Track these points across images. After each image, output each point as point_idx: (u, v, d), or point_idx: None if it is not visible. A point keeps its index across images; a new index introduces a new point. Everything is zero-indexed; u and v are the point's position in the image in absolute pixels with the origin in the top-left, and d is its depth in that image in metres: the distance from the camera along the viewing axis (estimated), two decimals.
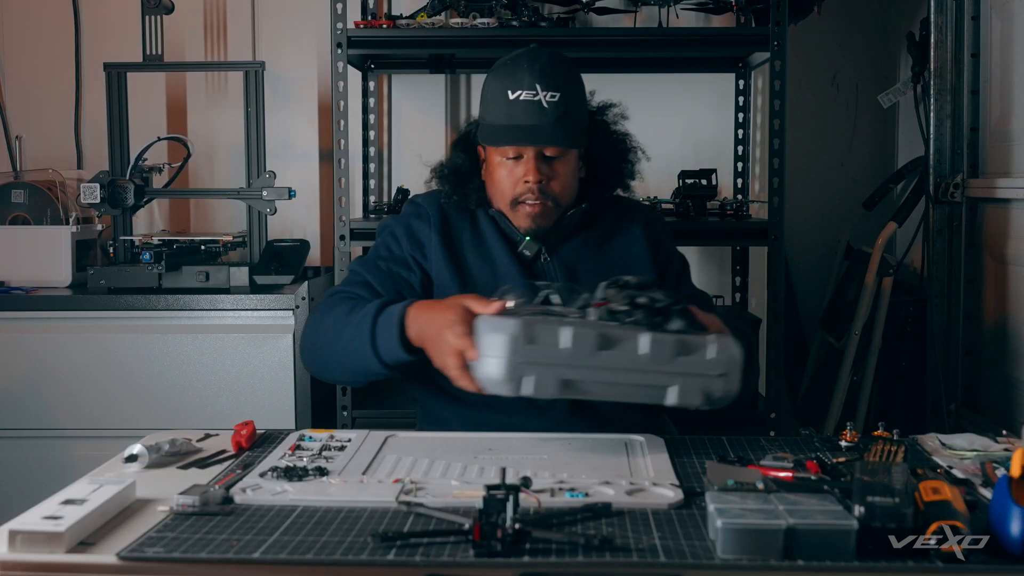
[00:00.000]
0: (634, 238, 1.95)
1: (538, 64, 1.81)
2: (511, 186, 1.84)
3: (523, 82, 1.80)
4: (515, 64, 1.83)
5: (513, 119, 1.80)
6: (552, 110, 1.79)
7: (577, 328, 1.42)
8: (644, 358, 1.43)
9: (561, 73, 1.82)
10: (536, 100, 1.79)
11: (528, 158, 1.82)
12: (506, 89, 1.81)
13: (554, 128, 1.80)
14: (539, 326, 1.42)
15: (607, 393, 1.44)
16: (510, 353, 1.39)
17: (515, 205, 1.85)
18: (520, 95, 1.79)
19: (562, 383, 1.42)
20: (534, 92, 1.79)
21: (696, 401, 1.45)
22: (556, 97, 1.79)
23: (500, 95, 1.82)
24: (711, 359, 1.44)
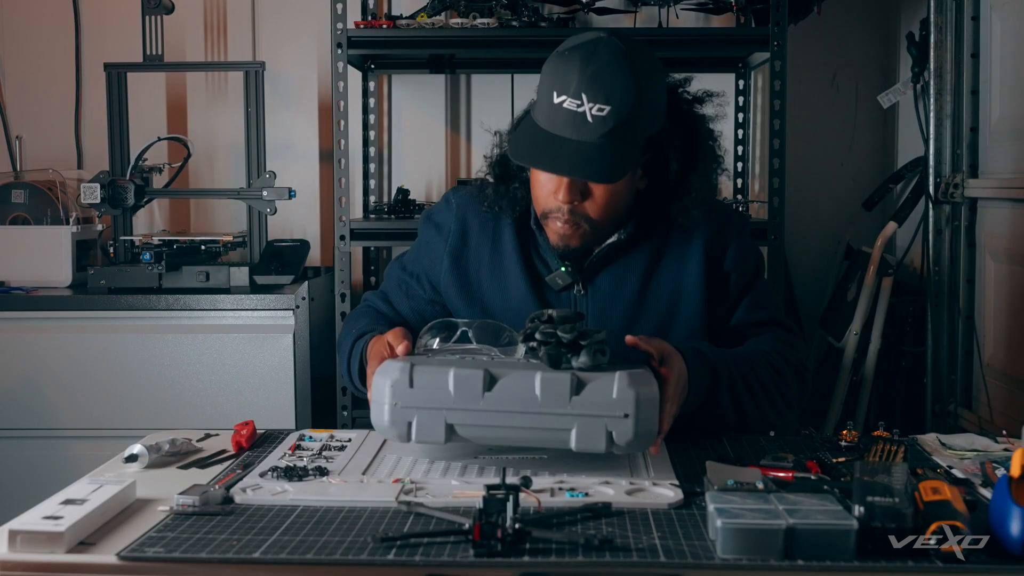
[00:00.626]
0: (690, 263, 1.69)
1: (592, 66, 1.50)
2: (544, 197, 1.61)
3: (570, 87, 1.51)
4: (569, 61, 1.53)
5: (553, 126, 1.53)
6: (597, 125, 1.50)
7: (460, 369, 1.32)
8: (536, 399, 1.31)
9: (619, 80, 1.50)
10: (580, 112, 1.50)
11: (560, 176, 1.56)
12: (553, 88, 1.53)
13: (591, 150, 1.51)
14: (423, 369, 1.33)
15: (504, 437, 1.32)
16: (392, 398, 1.33)
17: (545, 218, 1.63)
18: (564, 101, 1.51)
19: (449, 428, 1.33)
20: (579, 103, 1.50)
21: (599, 445, 1.30)
22: (604, 111, 1.50)
23: (547, 93, 1.54)
24: (613, 399, 1.30)
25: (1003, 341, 2.69)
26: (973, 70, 2.81)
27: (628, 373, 1.33)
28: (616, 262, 1.69)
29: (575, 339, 1.35)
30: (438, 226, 1.77)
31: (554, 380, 1.32)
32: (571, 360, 1.36)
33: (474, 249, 1.73)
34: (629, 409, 1.30)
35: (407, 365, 1.34)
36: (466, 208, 1.76)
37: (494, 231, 1.73)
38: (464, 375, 1.32)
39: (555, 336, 1.36)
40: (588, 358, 1.35)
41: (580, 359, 1.35)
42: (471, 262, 1.73)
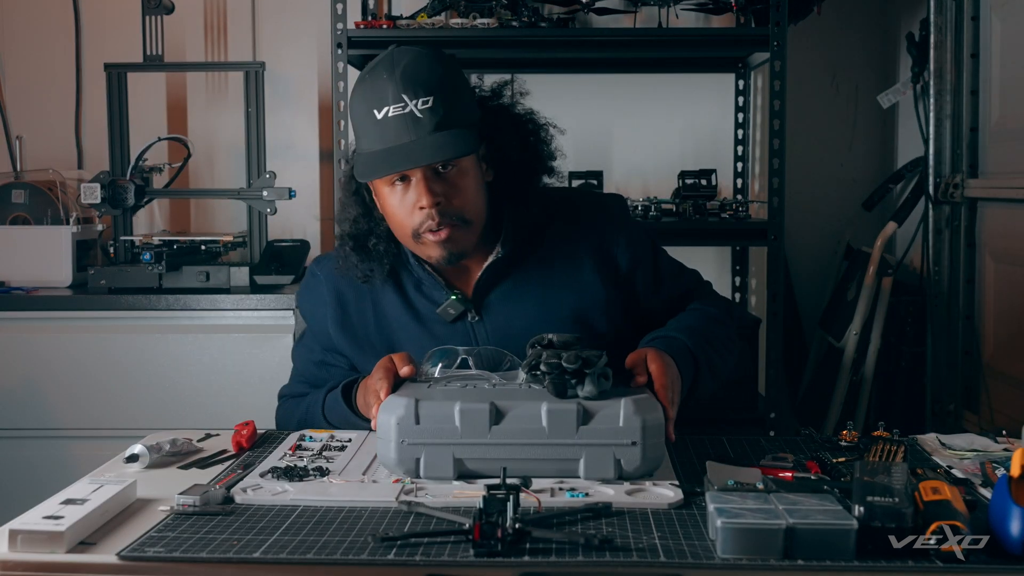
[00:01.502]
0: (581, 258, 1.69)
1: (399, 69, 1.54)
2: (407, 217, 1.57)
3: (387, 96, 1.52)
4: (374, 76, 1.56)
5: (386, 141, 1.53)
6: (428, 119, 1.52)
7: (467, 404, 1.32)
8: (544, 430, 1.31)
9: (430, 71, 1.55)
10: (407, 113, 1.52)
11: (416, 180, 1.55)
12: (371, 109, 1.54)
13: (434, 140, 1.52)
14: (428, 404, 1.33)
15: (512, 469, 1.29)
16: (398, 435, 1.32)
17: (417, 238, 1.58)
18: (388, 111, 1.52)
19: (458, 462, 1.32)
20: (403, 104, 1.52)
21: (608, 473, 1.31)
22: (429, 102, 1.52)
23: (367, 116, 1.55)
24: (620, 427, 1.31)
25: (1003, 341, 2.69)
26: (973, 70, 2.81)
27: (633, 400, 1.33)
28: (503, 283, 1.67)
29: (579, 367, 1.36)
30: (313, 306, 1.75)
31: (561, 411, 1.32)
32: (576, 387, 1.36)
33: (356, 318, 1.70)
34: (636, 437, 1.31)
35: (412, 401, 1.34)
36: (335, 279, 1.72)
37: (369, 293, 1.70)
38: (470, 409, 1.32)
39: (559, 366, 1.35)
40: (593, 386, 1.35)
41: (585, 388, 1.35)
42: (359, 331, 1.70)
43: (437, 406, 1.34)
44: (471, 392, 1.39)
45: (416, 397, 1.35)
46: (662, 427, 1.35)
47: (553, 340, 1.41)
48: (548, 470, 1.33)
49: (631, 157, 3.24)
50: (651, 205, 2.77)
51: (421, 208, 1.56)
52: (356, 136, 1.62)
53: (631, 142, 3.25)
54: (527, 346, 1.44)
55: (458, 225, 1.58)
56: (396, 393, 1.40)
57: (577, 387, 1.36)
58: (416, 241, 1.60)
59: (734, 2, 2.79)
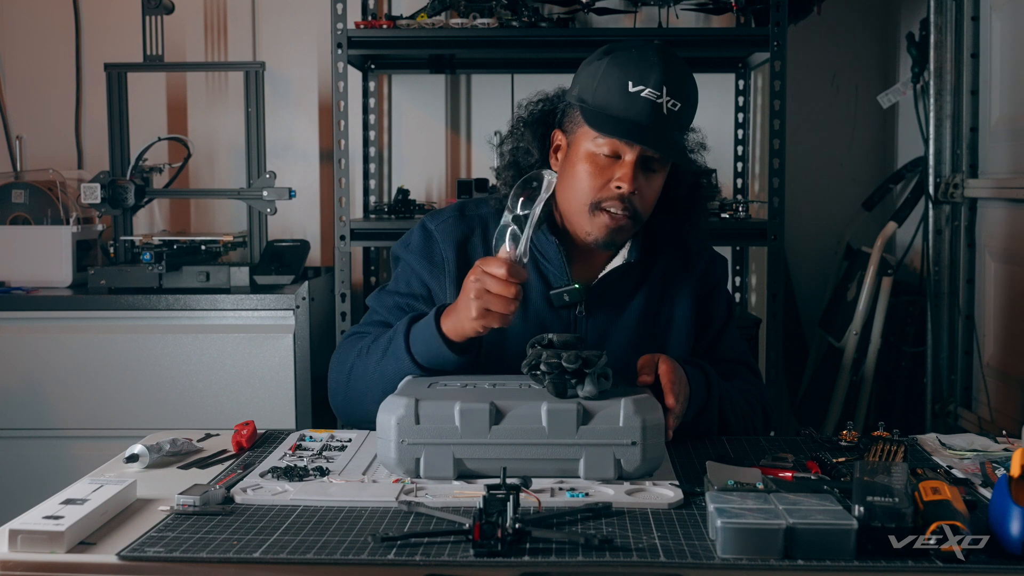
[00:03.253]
0: (681, 297, 1.75)
1: (671, 66, 1.59)
2: (597, 187, 1.60)
3: (649, 78, 1.57)
4: (643, 56, 1.59)
5: (631, 113, 1.57)
6: (671, 119, 1.59)
7: (466, 404, 1.32)
8: (544, 430, 1.32)
9: (688, 83, 1.62)
10: (659, 102, 1.57)
11: (628, 161, 1.59)
12: (627, 79, 1.57)
13: (672, 139, 1.60)
14: (428, 404, 1.33)
15: (512, 469, 1.29)
16: (398, 435, 1.32)
17: (595, 209, 1.61)
18: (643, 91, 1.57)
19: (457, 462, 1.32)
20: (658, 93, 1.57)
21: (608, 473, 1.31)
22: (677, 107, 1.59)
23: (618, 83, 1.58)
24: (620, 427, 1.31)
25: (1003, 341, 2.69)
26: (973, 70, 2.81)
27: (633, 400, 1.33)
28: (617, 287, 1.71)
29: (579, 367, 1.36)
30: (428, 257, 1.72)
31: (561, 411, 1.32)
32: (576, 387, 1.37)
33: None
34: (636, 437, 1.31)
35: (412, 401, 1.34)
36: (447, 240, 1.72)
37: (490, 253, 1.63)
38: (470, 409, 1.33)
39: (559, 365, 1.36)
40: (593, 386, 1.35)
41: (585, 388, 1.36)
42: None
43: (437, 406, 1.34)
44: (471, 392, 1.39)
45: (416, 397, 1.35)
46: (662, 427, 1.35)
47: (553, 340, 1.41)
48: (548, 470, 1.33)
49: None
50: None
51: (618, 188, 1.59)
52: (591, 91, 1.62)
53: None
54: (527, 345, 1.44)
55: (632, 219, 1.62)
56: (396, 393, 1.40)
57: (577, 387, 1.36)
58: (590, 211, 1.62)
59: (734, 2, 2.79)
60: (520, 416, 1.33)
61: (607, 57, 1.62)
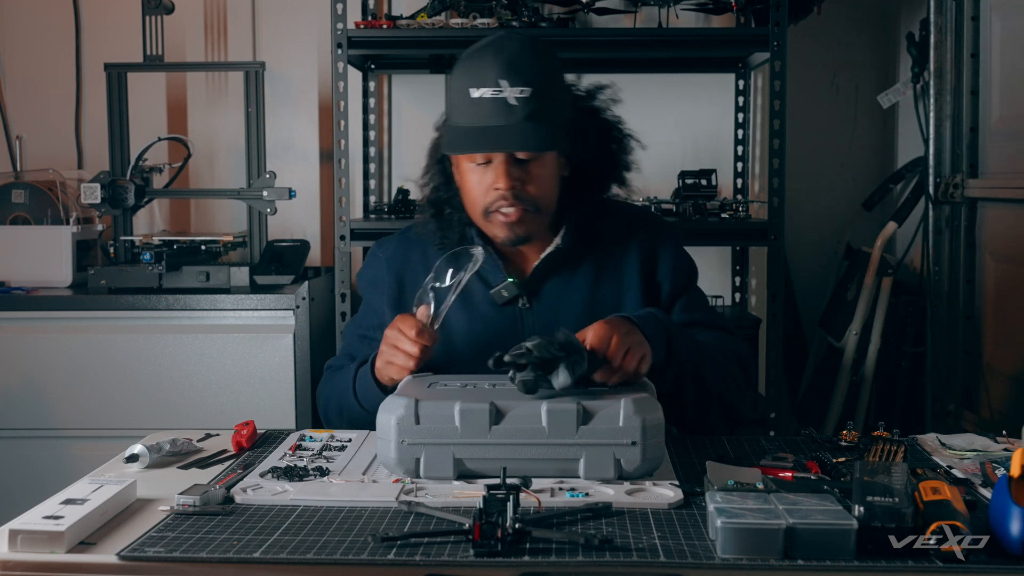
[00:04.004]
0: (627, 268, 1.75)
1: (504, 54, 1.59)
2: (481, 195, 1.65)
3: (487, 77, 1.58)
4: (479, 56, 1.62)
5: (476, 120, 1.60)
6: (521, 108, 1.58)
7: (466, 404, 1.33)
8: (544, 430, 1.32)
9: (532, 62, 1.60)
10: (501, 98, 1.58)
11: (498, 163, 1.62)
12: (468, 86, 1.60)
13: (523, 129, 1.59)
14: (428, 404, 1.34)
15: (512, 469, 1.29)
16: (398, 435, 1.33)
17: (488, 215, 1.66)
18: (484, 92, 1.58)
19: (457, 462, 1.33)
20: (499, 88, 1.58)
21: (608, 473, 1.32)
22: (527, 92, 1.58)
23: (462, 93, 1.61)
24: (620, 427, 1.32)
25: (1003, 341, 2.69)
26: (973, 70, 2.81)
27: (633, 400, 1.34)
28: (557, 275, 1.73)
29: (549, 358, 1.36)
30: (373, 283, 1.82)
31: (561, 411, 1.32)
32: (550, 381, 1.37)
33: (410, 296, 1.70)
34: (636, 436, 1.32)
35: (411, 401, 1.34)
36: (393, 259, 1.81)
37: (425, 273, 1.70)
38: (470, 409, 1.33)
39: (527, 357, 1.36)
40: (567, 374, 1.36)
41: (559, 379, 1.36)
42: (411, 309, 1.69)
43: (437, 406, 1.34)
44: (471, 392, 1.40)
45: (416, 397, 1.35)
46: (662, 427, 1.35)
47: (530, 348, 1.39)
48: (548, 470, 1.33)
49: None
50: (651, 205, 2.77)
51: (496, 189, 1.63)
52: (448, 109, 1.68)
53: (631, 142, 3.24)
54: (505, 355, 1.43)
55: (528, 210, 1.65)
56: (396, 393, 1.40)
57: (551, 378, 1.37)
58: (486, 219, 1.68)
59: (734, 2, 2.79)
60: (520, 416, 1.33)
61: (454, 67, 1.66)
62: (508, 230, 1.67)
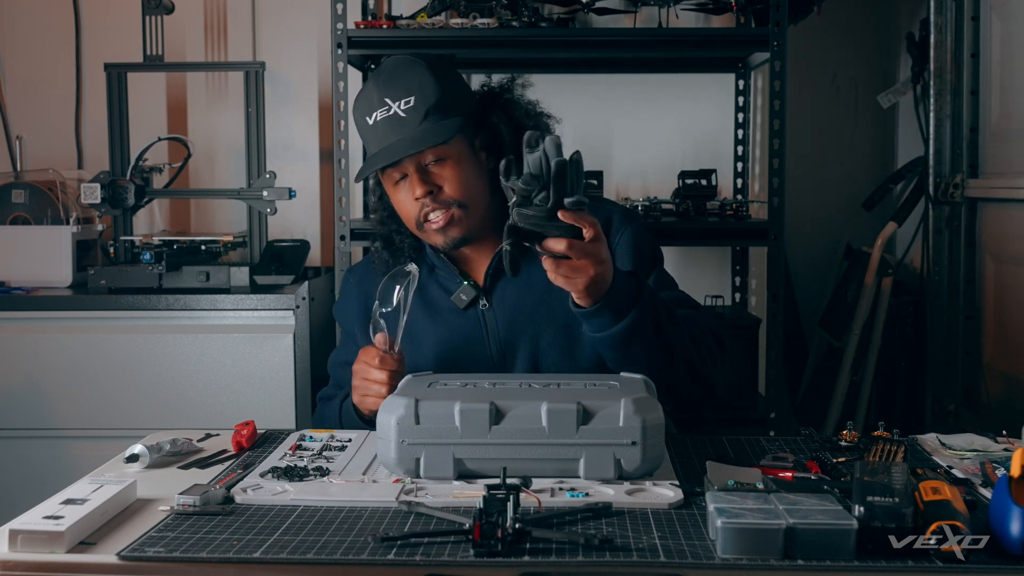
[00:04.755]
0: None
1: (383, 77, 1.70)
2: (409, 209, 1.72)
3: (373, 102, 1.69)
4: (366, 87, 1.73)
5: (379, 143, 1.70)
6: (412, 116, 1.66)
7: (466, 404, 1.33)
8: (544, 430, 1.32)
9: (411, 75, 1.69)
10: (391, 114, 1.67)
11: (410, 175, 1.69)
12: (364, 116, 1.71)
13: (416, 133, 1.66)
14: (428, 404, 1.34)
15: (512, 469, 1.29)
16: (398, 435, 1.33)
17: (420, 227, 1.72)
18: (376, 116, 1.68)
19: (458, 462, 1.33)
20: (387, 107, 1.67)
21: (608, 473, 1.32)
22: (411, 101, 1.66)
23: (362, 125, 1.72)
24: (620, 427, 1.32)
25: (1003, 341, 2.69)
26: (973, 70, 2.81)
27: (633, 400, 1.33)
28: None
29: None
30: (345, 310, 1.89)
31: (561, 411, 1.32)
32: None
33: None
34: (636, 436, 1.32)
35: (411, 401, 1.34)
36: (363, 281, 1.86)
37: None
38: (470, 409, 1.33)
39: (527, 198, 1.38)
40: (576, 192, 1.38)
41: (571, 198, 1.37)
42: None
43: (437, 406, 1.34)
44: (471, 392, 1.40)
45: (416, 397, 1.35)
46: (662, 427, 1.35)
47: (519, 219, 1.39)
48: (548, 470, 1.33)
49: (631, 157, 3.24)
50: (651, 205, 2.77)
51: (417, 200, 1.69)
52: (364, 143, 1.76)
53: (631, 142, 3.24)
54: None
55: (455, 211, 1.69)
56: (396, 393, 1.40)
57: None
58: (420, 231, 1.73)
59: (734, 2, 2.79)
60: (520, 416, 1.33)
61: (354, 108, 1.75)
62: (442, 235, 1.71)
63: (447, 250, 1.75)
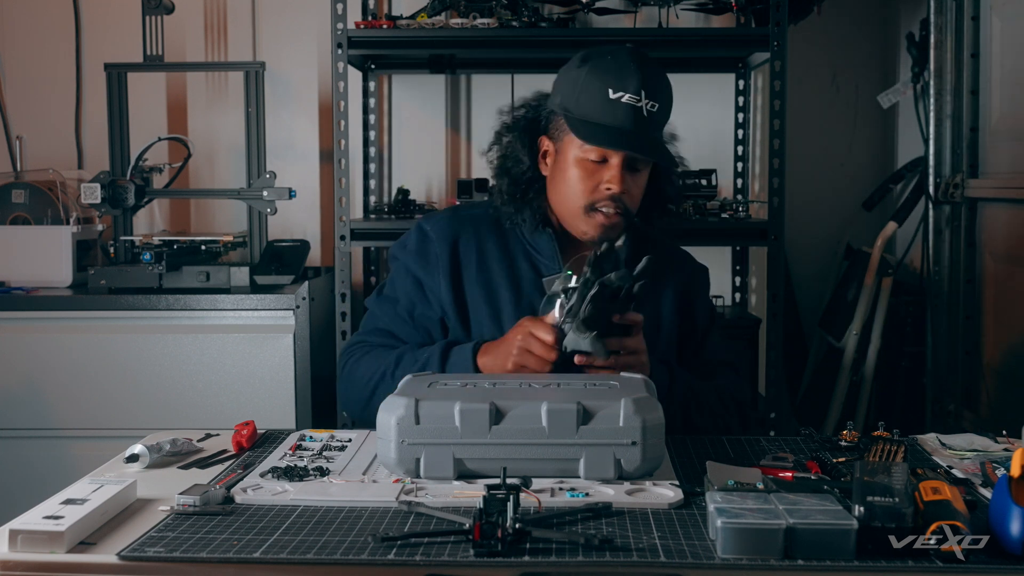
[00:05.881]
0: (665, 299, 1.82)
1: (647, 69, 1.68)
2: (589, 190, 1.70)
3: (629, 84, 1.66)
4: (619, 62, 1.69)
5: (613, 120, 1.67)
6: (652, 121, 1.68)
7: (466, 404, 1.33)
8: (544, 430, 1.32)
9: (664, 83, 1.71)
10: (639, 106, 1.66)
11: (614, 164, 1.69)
12: (607, 86, 1.67)
13: (653, 140, 1.70)
14: (428, 404, 1.34)
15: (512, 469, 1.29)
16: (398, 435, 1.33)
17: (589, 211, 1.71)
18: (623, 96, 1.66)
19: (458, 462, 1.33)
20: (638, 98, 1.66)
21: (608, 473, 1.32)
22: (656, 108, 1.68)
23: (599, 91, 1.67)
24: (620, 427, 1.31)
25: (1003, 341, 2.69)
26: (973, 70, 2.81)
27: (633, 400, 1.34)
28: None
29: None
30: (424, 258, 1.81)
31: (561, 411, 1.32)
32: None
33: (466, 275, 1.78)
34: (636, 436, 1.32)
35: (412, 401, 1.34)
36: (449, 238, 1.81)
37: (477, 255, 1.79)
38: (470, 409, 1.33)
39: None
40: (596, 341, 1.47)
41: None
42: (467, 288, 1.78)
43: (437, 406, 1.34)
44: (471, 392, 1.40)
45: (416, 397, 1.35)
46: (662, 427, 1.35)
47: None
48: (548, 470, 1.33)
49: None
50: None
51: (608, 189, 1.69)
52: (572, 99, 1.71)
53: None
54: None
55: (623, 215, 1.72)
56: (396, 393, 1.40)
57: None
58: (584, 213, 1.72)
59: (734, 2, 2.79)
60: (520, 416, 1.33)
61: (586, 65, 1.71)
62: (603, 230, 1.72)
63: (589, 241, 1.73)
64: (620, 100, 1.66)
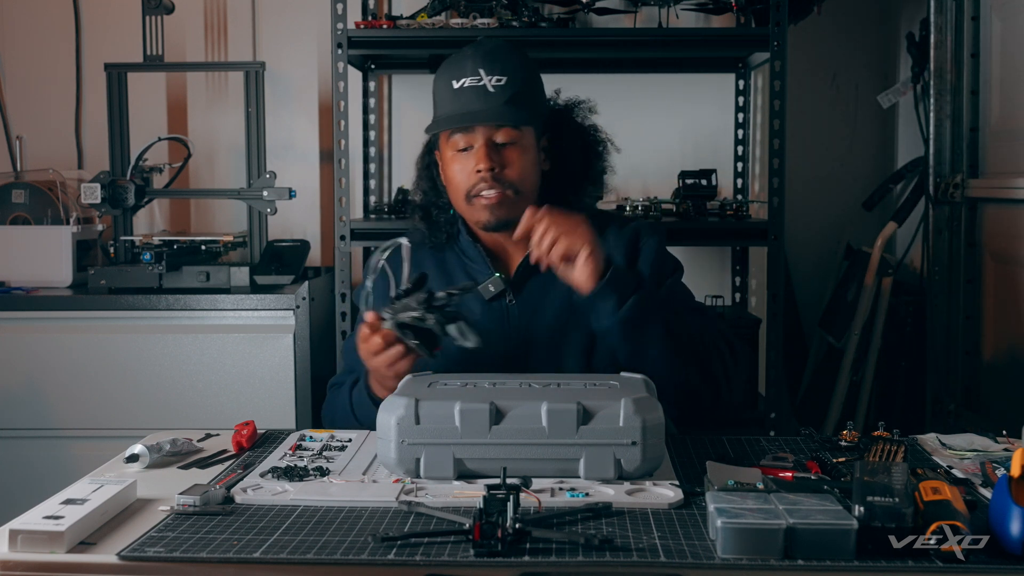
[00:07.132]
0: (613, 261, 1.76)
1: (482, 50, 1.75)
2: (464, 180, 1.74)
3: (466, 69, 1.73)
4: (460, 55, 1.77)
5: (459, 107, 1.73)
6: (499, 93, 1.71)
7: (467, 404, 1.33)
8: (544, 430, 1.32)
9: (508, 58, 1.75)
10: (481, 85, 1.71)
11: (478, 146, 1.72)
12: (450, 79, 1.74)
13: (501, 109, 1.71)
14: (428, 404, 1.34)
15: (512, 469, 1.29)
16: (398, 435, 1.33)
17: (470, 200, 1.74)
18: (464, 82, 1.72)
19: (458, 462, 1.33)
20: (478, 77, 1.72)
21: (608, 473, 1.32)
22: (503, 81, 1.71)
23: (445, 86, 1.75)
24: (620, 427, 1.32)
25: (1003, 341, 2.69)
26: (973, 70, 2.81)
27: (633, 400, 1.34)
28: (542, 273, 1.72)
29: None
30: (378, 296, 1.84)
31: (561, 411, 1.32)
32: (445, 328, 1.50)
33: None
34: (636, 437, 1.32)
35: (411, 401, 1.34)
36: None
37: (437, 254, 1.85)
38: (470, 409, 1.33)
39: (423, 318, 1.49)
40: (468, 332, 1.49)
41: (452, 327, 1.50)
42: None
43: (437, 406, 1.34)
44: (471, 392, 1.40)
45: (416, 397, 1.35)
46: (662, 427, 1.35)
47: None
48: (548, 470, 1.33)
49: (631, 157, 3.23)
50: (651, 205, 2.77)
51: (478, 171, 1.72)
52: (434, 106, 1.80)
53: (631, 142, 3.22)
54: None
55: (509, 193, 1.73)
56: (396, 393, 1.41)
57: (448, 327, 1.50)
58: (468, 203, 1.75)
59: (734, 2, 2.79)
60: (520, 416, 1.33)
61: (437, 71, 1.80)
62: (489, 213, 1.73)
63: (487, 229, 1.76)
64: (463, 87, 1.72)
